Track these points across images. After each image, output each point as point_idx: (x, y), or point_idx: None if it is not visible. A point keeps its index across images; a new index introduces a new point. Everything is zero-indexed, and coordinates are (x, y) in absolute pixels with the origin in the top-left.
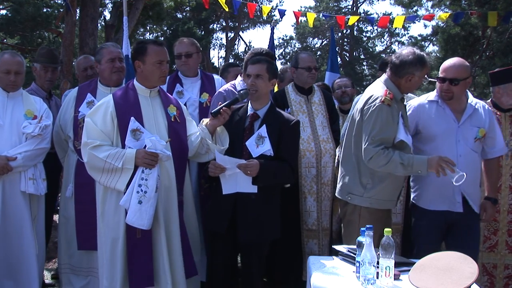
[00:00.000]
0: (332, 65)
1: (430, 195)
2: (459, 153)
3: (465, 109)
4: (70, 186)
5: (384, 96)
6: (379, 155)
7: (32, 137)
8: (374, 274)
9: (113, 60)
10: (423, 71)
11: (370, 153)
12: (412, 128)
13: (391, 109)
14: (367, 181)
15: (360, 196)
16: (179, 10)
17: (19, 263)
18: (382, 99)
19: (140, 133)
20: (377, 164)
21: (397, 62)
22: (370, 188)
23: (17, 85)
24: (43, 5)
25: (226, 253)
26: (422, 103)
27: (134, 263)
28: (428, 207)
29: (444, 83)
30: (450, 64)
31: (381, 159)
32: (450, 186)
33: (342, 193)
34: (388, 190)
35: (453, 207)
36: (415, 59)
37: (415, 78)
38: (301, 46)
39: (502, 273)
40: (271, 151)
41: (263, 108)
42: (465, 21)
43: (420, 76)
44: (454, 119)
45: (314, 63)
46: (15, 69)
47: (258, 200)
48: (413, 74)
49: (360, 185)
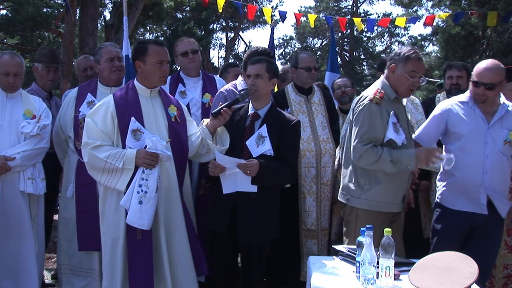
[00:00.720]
0: (332, 65)
1: (455, 195)
2: (486, 154)
3: (497, 110)
4: (71, 187)
5: (374, 95)
6: (368, 153)
7: (31, 137)
8: (374, 274)
9: (112, 59)
10: (407, 65)
11: (359, 151)
12: (442, 128)
13: (380, 108)
14: (364, 182)
15: (358, 198)
16: (179, 10)
17: (19, 263)
18: (371, 97)
19: (141, 133)
20: (367, 162)
21: (387, 57)
22: (367, 189)
23: (16, 87)
24: (43, 5)
25: (226, 253)
26: (452, 103)
27: (134, 263)
28: (452, 207)
29: (478, 88)
30: (484, 68)
31: (371, 157)
32: (475, 187)
33: (341, 195)
34: (387, 192)
35: (478, 209)
36: (398, 51)
37: (397, 70)
38: (301, 46)
39: (501, 273)
40: (271, 150)
41: (264, 108)
42: (465, 21)
43: (403, 71)
44: (484, 120)
45: (314, 63)
46: (14, 71)
47: (257, 200)
48: (396, 65)
49: (357, 187)
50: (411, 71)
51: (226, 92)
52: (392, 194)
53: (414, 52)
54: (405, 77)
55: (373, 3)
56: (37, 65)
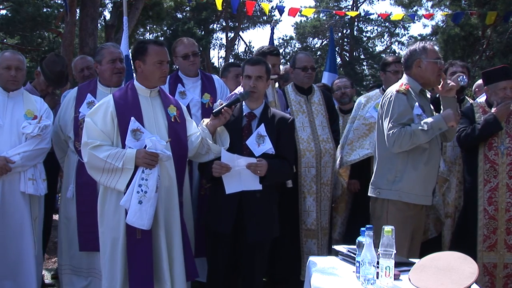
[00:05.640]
0: (331, 65)
1: None
2: None
3: None
4: (71, 187)
5: (399, 87)
6: (400, 134)
7: (32, 137)
8: (374, 274)
9: (114, 61)
10: (428, 53)
11: (393, 137)
12: None
13: (407, 98)
14: (395, 174)
15: (388, 190)
16: (179, 10)
17: (19, 264)
18: (397, 89)
19: (140, 133)
20: (403, 144)
21: (405, 57)
22: (398, 180)
23: (18, 81)
24: (43, 5)
25: (227, 253)
26: None
27: (134, 263)
28: None
29: None
30: None
31: (404, 136)
32: None
33: (372, 190)
34: (417, 183)
35: None
36: (416, 46)
37: (423, 63)
38: (301, 46)
39: (501, 272)
40: (272, 149)
41: (259, 107)
42: (465, 22)
43: (428, 59)
44: None
45: (311, 62)
46: (16, 65)
47: (262, 199)
48: (419, 59)
49: (387, 179)
50: (436, 57)
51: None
52: (422, 185)
53: (426, 42)
54: (434, 63)
55: (373, 3)
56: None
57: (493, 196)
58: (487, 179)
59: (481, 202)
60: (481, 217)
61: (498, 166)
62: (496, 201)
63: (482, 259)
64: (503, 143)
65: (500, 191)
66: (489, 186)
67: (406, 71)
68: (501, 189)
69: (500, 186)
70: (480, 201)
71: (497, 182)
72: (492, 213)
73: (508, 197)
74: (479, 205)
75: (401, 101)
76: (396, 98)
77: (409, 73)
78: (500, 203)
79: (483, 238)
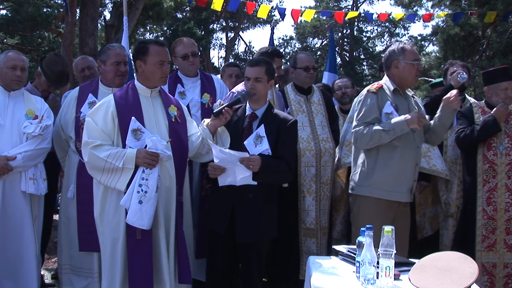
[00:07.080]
0: (331, 65)
1: None
2: None
3: None
4: (72, 187)
5: (371, 86)
6: (362, 132)
7: (33, 137)
8: (374, 274)
9: (119, 63)
10: (406, 55)
11: (356, 134)
12: None
13: (377, 96)
14: (366, 170)
15: (361, 186)
16: (179, 10)
17: (19, 263)
18: (368, 88)
19: (141, 133)
20: (364, 141)
21: (384, 57)
22: (369, 176)
23: (22, 81)
24: (43, 5)
25: (225, 253)
26: None
27: (134, 263)
28: None
29: None
30: None
31: (365, 134)
32: None
33: (350, 186)
34: (388, 179)
35: None
36: (395, 47)
37: (401, 64)
38: (301, 46)
39: (501, 272)
40: (269, 150)
41: (261, 108)
42: (464, 21)
43: (406, 60)
44: None
45: (312, 62)
46: (21, 65)
47: (255, 200)
48: (397, 60)
49: (360, 174)
50: (414, 59)
51: (237, 93)
52: (395, 181)
53: (405, 43)
54: (411, 65)
55: (373, 3)
56: (42, 73)
57: (492, 196)
58: (486, 179)
59: (480, 203)
60: (479, 217)
61: (497, 166)
62: (495, 202)
63: (480, 259)
64: (502, 143)
65: (499, 191)
66: (488, 186)
67: (386, 71)
68: (500, 189)
69: (499, 186)
70: (479, 201)
71: (496, 182)
72: (491, 213)
73: (507, 197)
74: (478, 206)
75: (368, 100)
76: (365, 97)
77: (388, 73)
78: (499, 203)
79: (482, 238)
